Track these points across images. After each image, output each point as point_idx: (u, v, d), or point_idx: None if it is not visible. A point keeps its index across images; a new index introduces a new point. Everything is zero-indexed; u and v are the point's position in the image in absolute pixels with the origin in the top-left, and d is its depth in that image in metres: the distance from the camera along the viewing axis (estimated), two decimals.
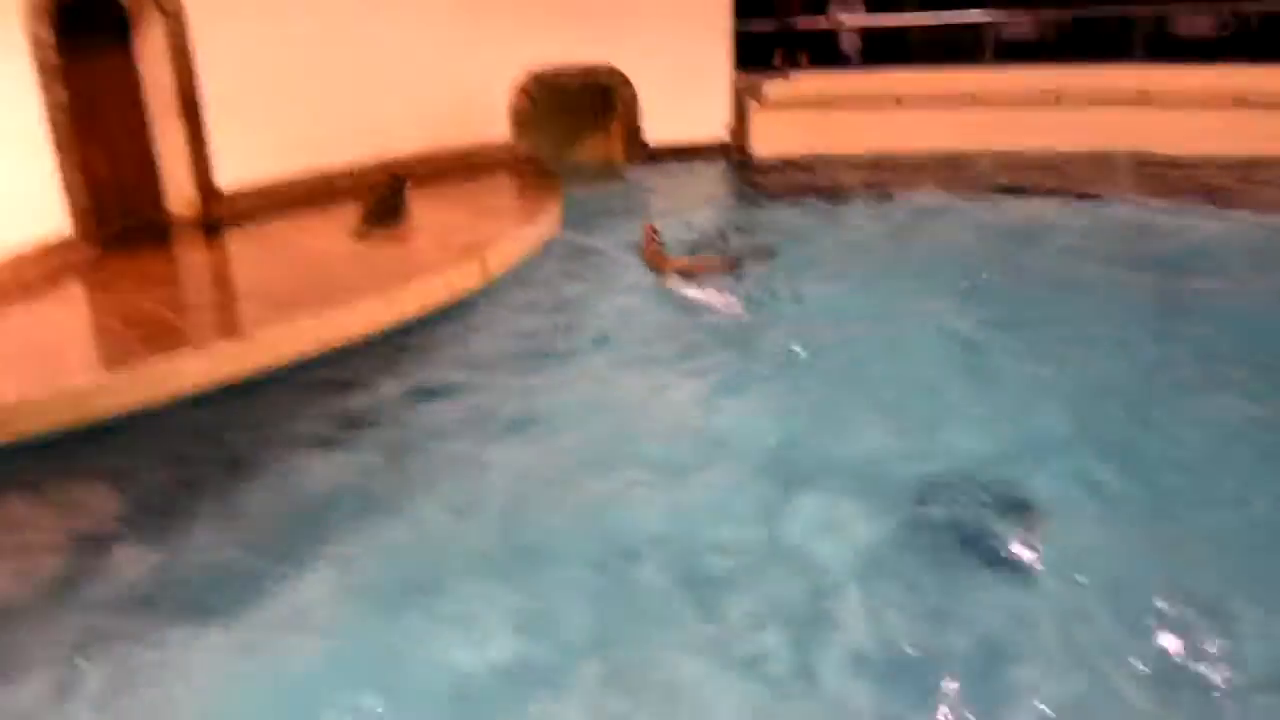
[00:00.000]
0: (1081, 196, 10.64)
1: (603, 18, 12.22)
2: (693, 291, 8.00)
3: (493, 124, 12.07)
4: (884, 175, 11.99)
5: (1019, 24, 14.45)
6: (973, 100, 12.66)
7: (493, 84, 11.97)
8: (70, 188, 8.17)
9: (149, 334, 6.49)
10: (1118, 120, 12.17)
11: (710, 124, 13.04)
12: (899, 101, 12.81)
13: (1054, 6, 14.50)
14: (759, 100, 13.07)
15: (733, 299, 7.89)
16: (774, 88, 13.15)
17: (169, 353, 6.13)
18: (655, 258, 8.72)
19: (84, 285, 7.74)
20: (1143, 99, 12.10)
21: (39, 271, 7.82)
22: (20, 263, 7.69)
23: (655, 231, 8.98)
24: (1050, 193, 10.88)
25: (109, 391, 5.83)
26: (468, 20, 11.48)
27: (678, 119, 12.81)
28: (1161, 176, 11.25)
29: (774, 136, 13.07)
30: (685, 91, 12.75)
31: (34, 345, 6.40)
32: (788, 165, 12.68)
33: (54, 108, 7.97)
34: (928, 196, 10.91)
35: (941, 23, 14.01)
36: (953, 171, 11.98)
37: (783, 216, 10.48)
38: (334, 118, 10.45)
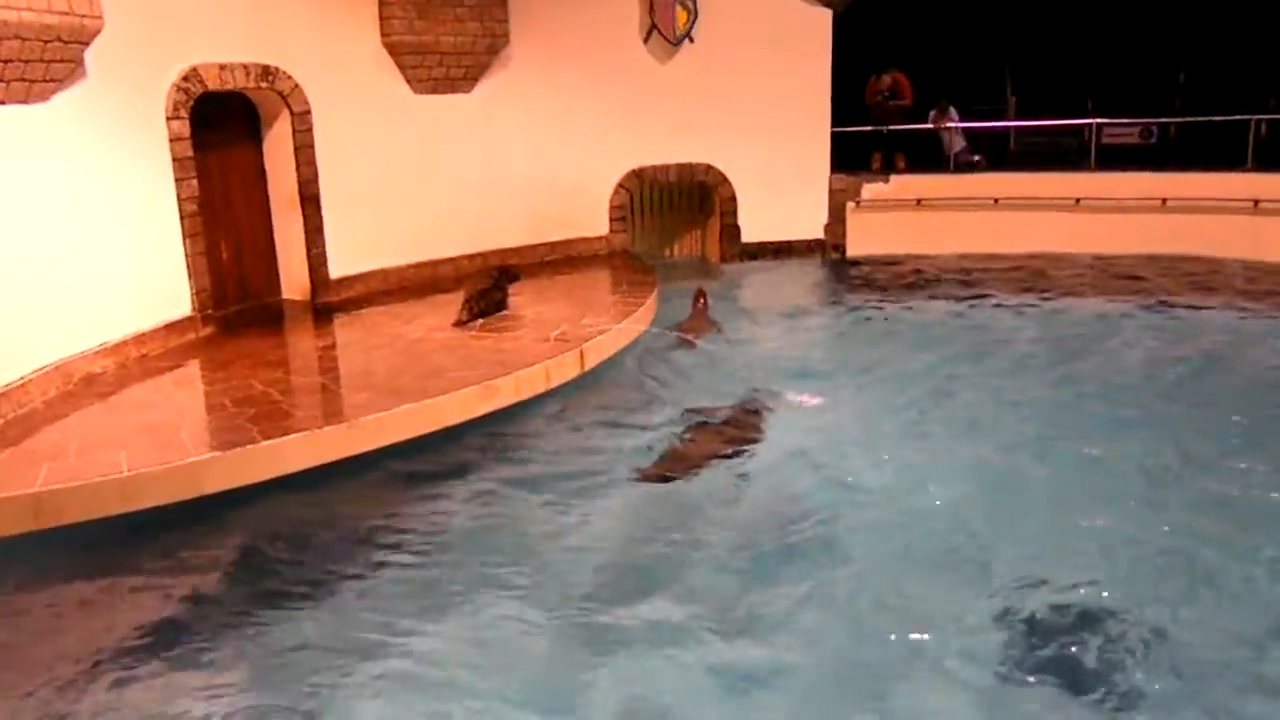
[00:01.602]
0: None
1: (705, 118, 12.54)
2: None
3: (594, 219, 12.40)
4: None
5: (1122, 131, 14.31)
6: (1073, 205, 12.53)
7: (595, 181, 12.33)
8: (195, 272, 8.65)
9: (258, 414, 6.74)
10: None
11: (807, 223, 13.15)
12: (996, 203, 12.76)
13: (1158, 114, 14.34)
14: (856, 201, 13.16)
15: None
16: (872, 189, 13.23)
17: (277, 436, 6.35)
18: (699, 321, 9.76)
19: (200, 364, 8.11)
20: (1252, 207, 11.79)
21: (161, 350, 8.25)
22: (145, 341, 8.13)
23: (705, 297, 10.18)
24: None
25: (219, 468, 6.04)
26: (575, 120, 11.91)
27: (775, 217, 12.97)
28: None
29: (871, 236, 13.11)
30: (783, 190, 12.93)
31: (152, 421, 6.69)
32: (882, 264, 12.72)
33: (187, 199, 8.50)
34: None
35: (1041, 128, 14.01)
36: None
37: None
38: (440, 213, 10.88)
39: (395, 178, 10.44)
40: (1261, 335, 9.34)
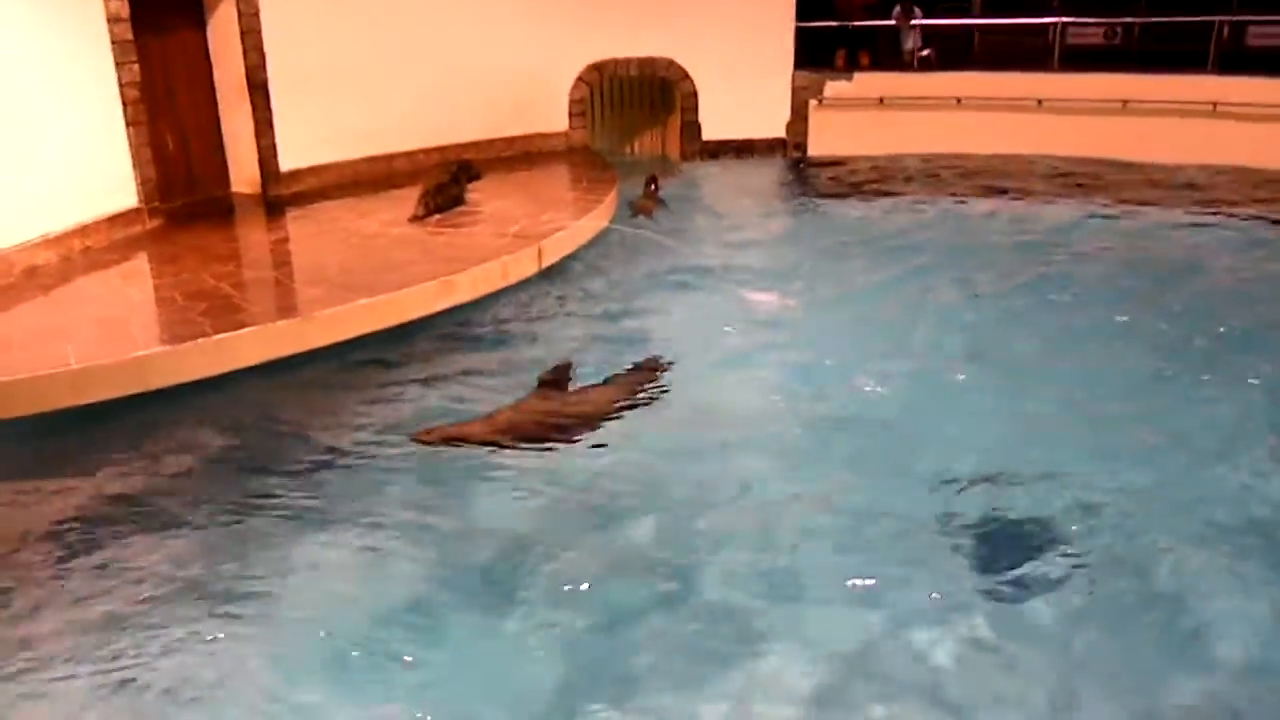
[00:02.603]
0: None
1: (668, 10, 12.23)
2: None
3: (552, 114, 12.13)
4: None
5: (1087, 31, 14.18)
6: (1035, 106, 12.47)
7: (554, 75, 12.03)
8: (139, 163, 8.37)
9: (210, 308, 6.62)
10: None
11: (769, 121, 12.98)
12: (959, 103, 12.66)
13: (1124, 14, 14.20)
14: (819, 99, 12.99)
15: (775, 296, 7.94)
16: (835, 87, 13.04)
17: (230, 330, 6.24)
18: (645, 204, 10.24)
19: (149, 258, 7.92)
20: (1214, 111, 11.81)
21: (107, 242, 8.03)
22: (89, 233, 7.90)
23: (657, 181, 10.80)
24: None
25: (169, 362, 5.95)
26: (532, 11, 11.54)
27: (736, 115, 12.77)
28: None
29: (832, 135, 12.98)
30: (745, 87, 12.70)
31: (99, 315, 6.55)
32: (843, 164, 12.64)
33: (128, 84, 8.16)
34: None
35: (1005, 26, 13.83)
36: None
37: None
38: (396, 104, 10.58)
39: (349, 67, 10.08)
40: (1213, 242, 9.46)
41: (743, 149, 12.96)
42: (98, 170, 8.02)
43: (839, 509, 4.93)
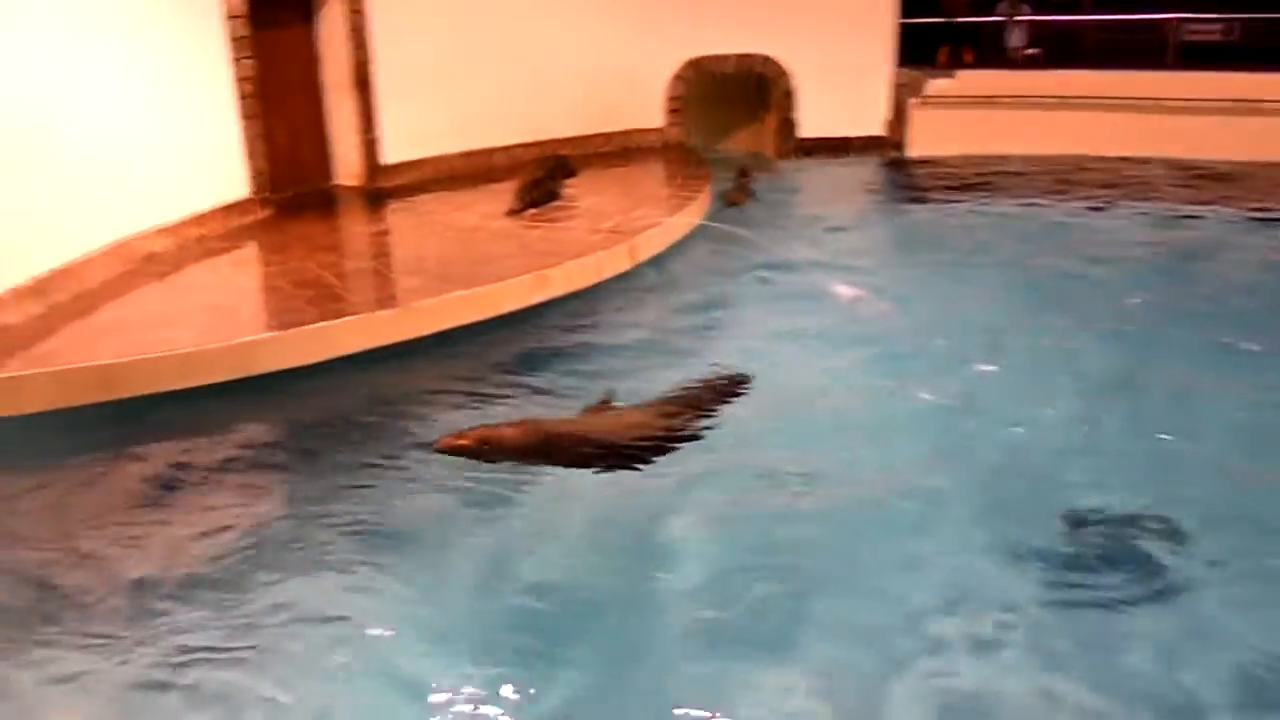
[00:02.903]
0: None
1: (766, 8, 12.13)
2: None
3: (649, 111, 12.16)
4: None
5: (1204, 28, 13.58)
6: (1151, 106, 12.00)
7: (651, 71, 12.05)
8: (252, 155, 8.69)
9: (314, 296, 6.83)
10: None
11: (867, 119, 12.78)
12: (1067, 102, 12.26)
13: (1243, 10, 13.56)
14: (919, 97, 12.74)
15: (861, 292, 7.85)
16: (937, 85, 12.77)
17: (332, 318, 6.43)
18: (736, 195, 10.44)
19: (258, 247, 8.21)
20: None
21: (220, 231, 8.35)
22: (203, 222, 8.23)
23: (749, 172, 11.00)
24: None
25: (274, 348, 6.16)
26: (631, 8, 11.58)
27: (833, 113, 12.61)
28: None
29: (932, 134, 12.72)
30: (844, 85, 12.52)
31: (210, 301, 6.82)
32: (944, 163, 12.36)
33: (243, 79, 8.47)
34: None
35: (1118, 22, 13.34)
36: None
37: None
38: (494, 100, 10.74)
39: (450, 63, 10.28)
40: None
41: (839, 147, 12.78)
42: (213, 162, 8.36)
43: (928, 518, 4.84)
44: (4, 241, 6.24)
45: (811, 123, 12.69)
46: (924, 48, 13.03)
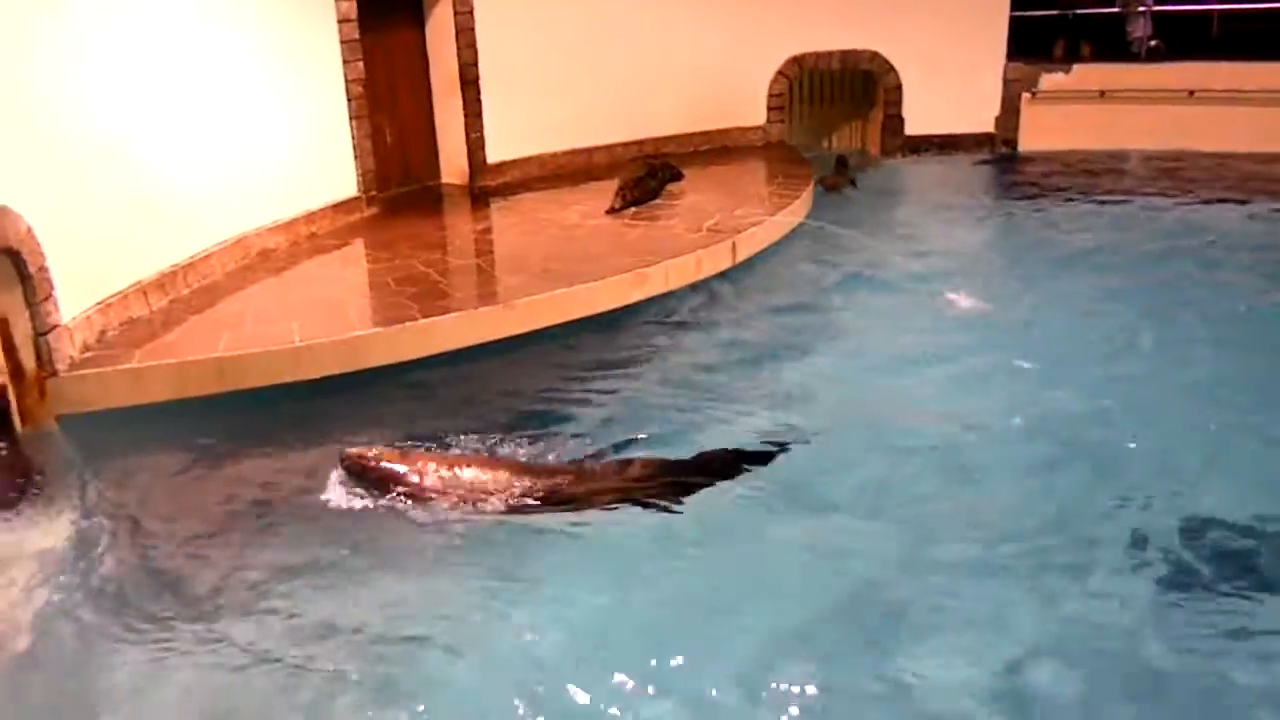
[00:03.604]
0: None
1: (872, 3, 11.90)
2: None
3: (750, 108, 12.06)
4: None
5: None
6: None
7: (753, 69, 11.94)
8: (361, 154, 8.92)
9: (419, 293, 6.97)
10: None
11: (977, 115, 12.42)
12: (1192, 96, 11.69)
13: None
14: (1032, 92, 12.32)
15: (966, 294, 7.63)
16: (1051, 79, 12.33)
17: (436, 315, 6.55)
18: (835, 180, 10.78)
19: (365, 244, 8.42)
20: None
21: (330, 228, 8.60)
22: (314, 219, 8.49)
23: (847, 164, 11.21)
24: None
25: (381, 343, 6.31)
26: (734, 5, 11.49)
27: (941, 109, 12.29)
28: None
29: (1046, 130, 12.29)
30: (953, 80, 12.19)
31: (321, 296, 7.02)
32: (1057, 160, 11.93)
33: (353, 80, 8.70)
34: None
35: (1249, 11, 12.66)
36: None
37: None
38: (596, 99, 10.79)
39: (554, 62, 10.38)
40: None
41: (947, 144, 12.47)
42: (325, 161, 8.61)
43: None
44: (133, 238, 6.53)
45: (918, 119, 12.40)
46: (1038, 40, 12.59)
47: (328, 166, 8.66)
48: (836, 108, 13.07)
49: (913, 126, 12.42)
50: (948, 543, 4.57)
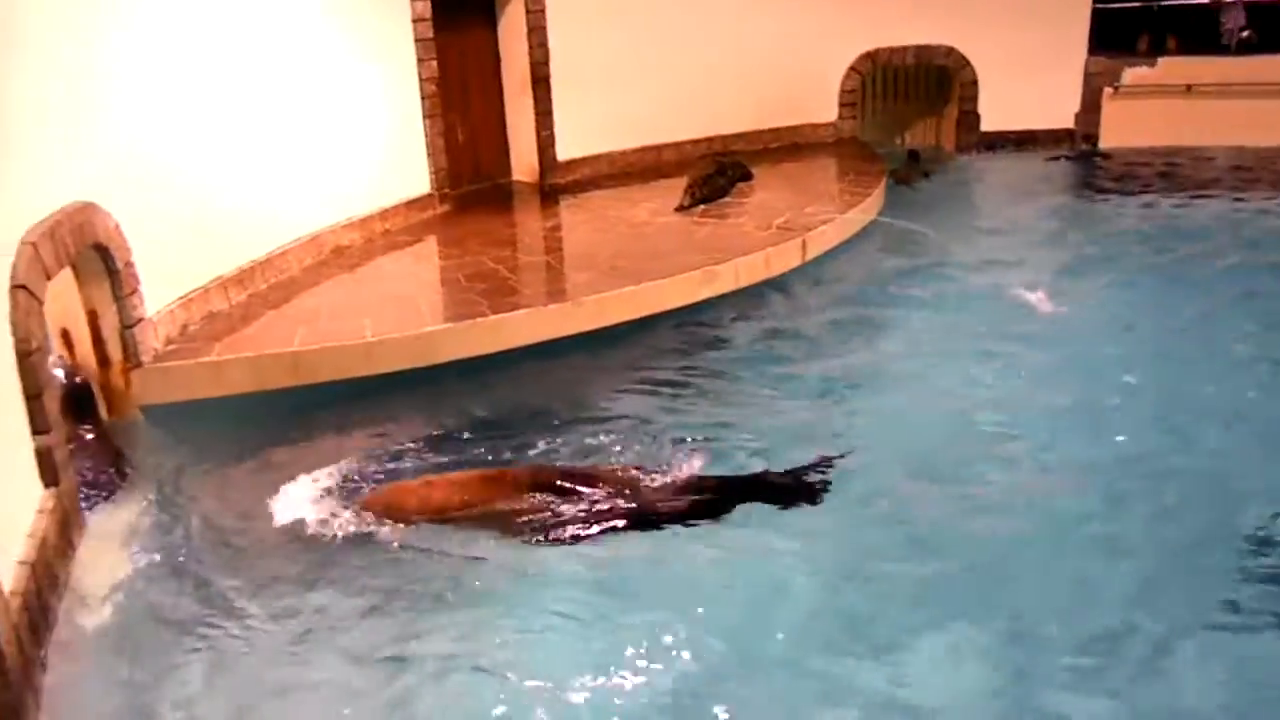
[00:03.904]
0: None
1: None
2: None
3: (822, 105, 11.93)
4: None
5: None
6: None
7: (825, 65, 11.81)
8: (434, 152, 9.04)
9: (488, 289, 7.03)
10: None
11: (1056, 110, 12.11)
12: None
13: None
14: (1115, 86, 11.97)
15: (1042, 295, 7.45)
16: (1135, 73, 11.96)
17: (505, 311, 6.61)
18: (906, 174, 10.87)
19: (437, 241, 8.52)
20: None
21: (402, 225, 8.73)
22: (387, 216, 8.62)
23: (919, 157, 11.49)
24: None
25: (452, 339, 6.38)
26: (808, 1, 11.37)
27: (1019, 104, 12.01)
28: None
29: (1128, 126, 11.93)
30: (1031, 75, 11.89)
31: (393, 292, 7.13)
32: (1139, 157, 11.57)
33: (427, 79, 8.82)
34: None
35: None
36: None
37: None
38: (666, 96, 10.77)
39: (624, 60, 10.38)
40: None
41: (1024, 140, 12.18)
42: (398, 159, 8.74)
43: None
44: (214, 235, 6.71)
45: (995, 115, 12.14)
46: (1121, 33, 12.23)
47: (401, 164, 8.79)
48: (910, 104, 12.87)
49: (989, 123, 12.17)
50: (1016, 554, 4.46)
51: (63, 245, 4.81)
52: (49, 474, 4.39)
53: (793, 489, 4.90)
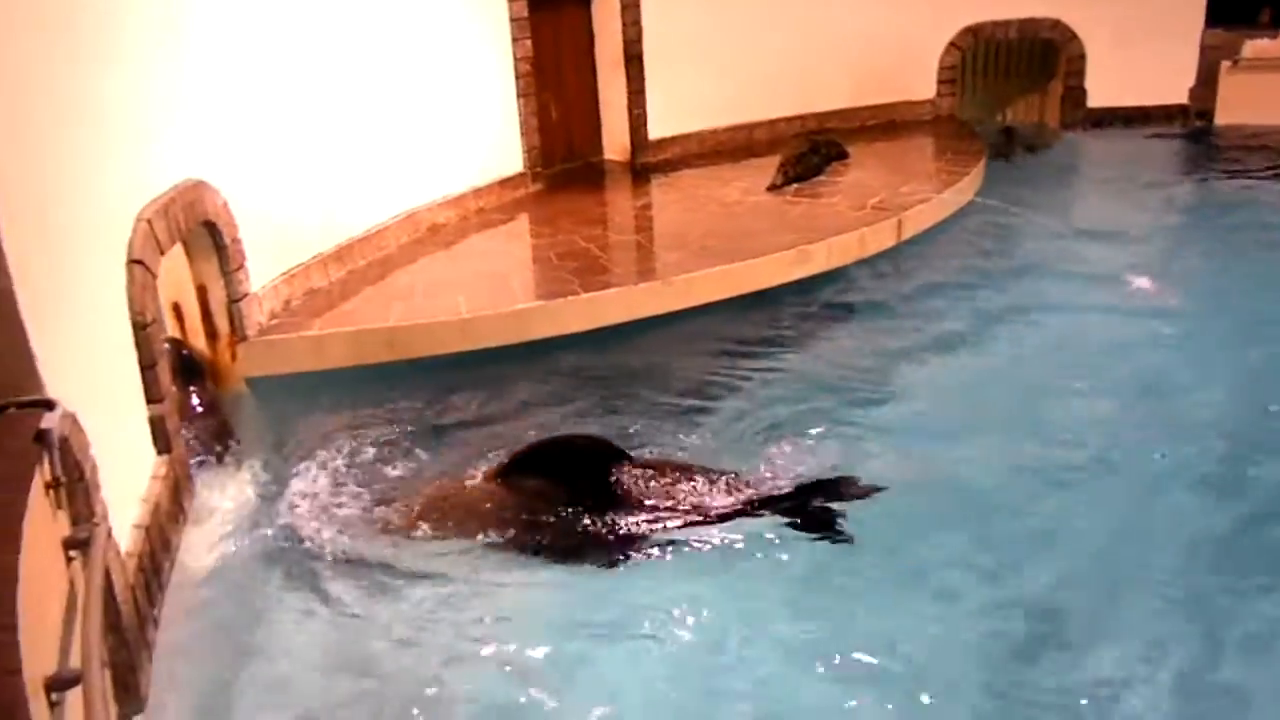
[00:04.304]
0: None
1: None
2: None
3: (919, 82, 11.64)
4: None
5: None
6: None
7: (924, 40, 11.50)
8: (527, 131, 9.11)
9: (580, 268, 7.08)
10: None
11: (1168, 86, 11.59)
12: None
13: None
14: (1233, 60, 11.39)
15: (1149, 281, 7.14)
16: (1256, 46, 11.37)
17: (596, 290, 6.64)
18: (1005, 148, 10.78)
19: (529, 219, 8.60)
20: None
21: (495, 204, 8.83)
22: (481, 195, 8.73)
23: (1014, 134, 11.39)
24: None
25: (543, 316, 6.44)
26: None
27: (1129, 79, 11.51)
28: None
29: (1248, 102, 11.35)
30: (1143, 49, 11.37)
31: (486, 269, 7.23)
32: (1259, 135, 11.00)
33: (521, 59, 8.88)
34: None
35: None
36: None
37: None
38: (758, 74, 10.63)
39: (717, 38, 10.28)
40: None
41: (1134, 117, 11.68)
42: (492, 138, 8.84)
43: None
44: (318, 213, 6.89)
45: (1102, 91, 11.68)
46: (1241, 5, 11.61)
47: (496, 143, 8.89)
48: (1012, 80, 12.46)
49: (1096, 98, 11.71)
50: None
51: (175, 222, 4.99)
52: (162, 441, 4.58)
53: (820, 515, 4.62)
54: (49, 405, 3.01)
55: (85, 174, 4.05)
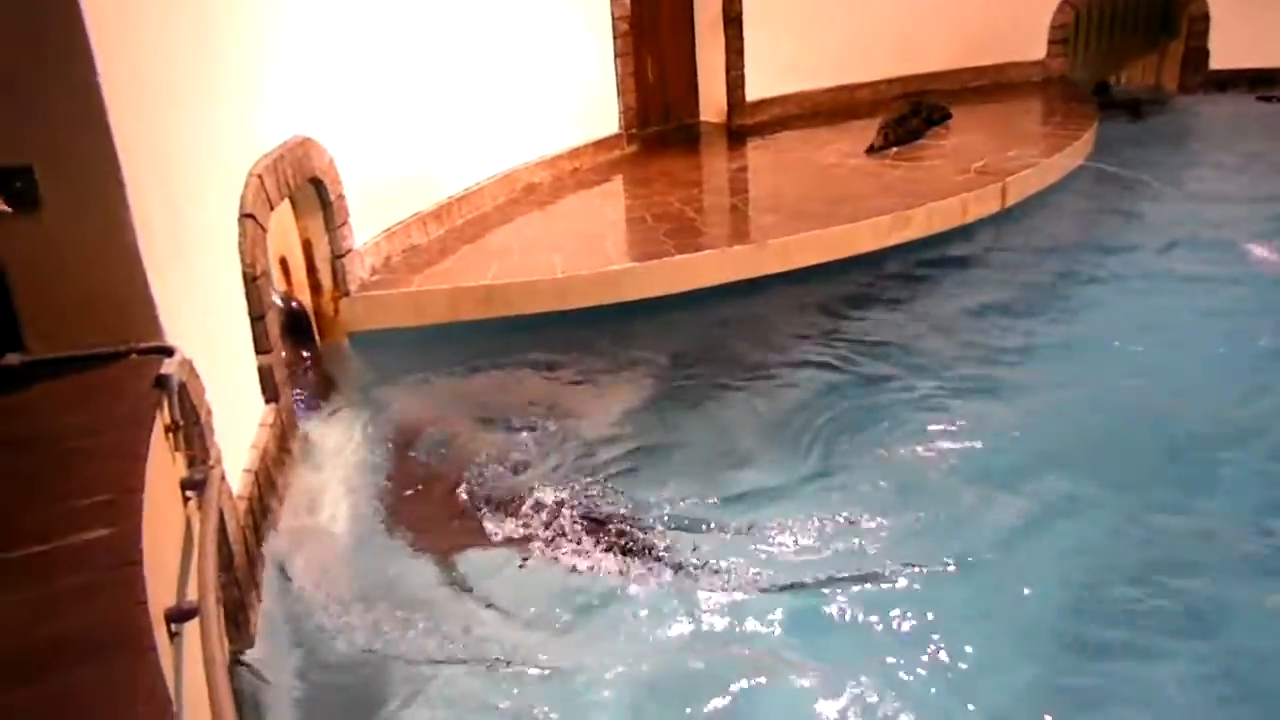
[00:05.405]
0: None
1: None
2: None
3: (1029, 42, 11.22)
4: None
5: None
6: None
7: None
8: (624, 91, 9.09)
9: (673, 229, 7.06)
10: None
11: None
12: None
13: None
14: None
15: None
16: None
17: (690, 252, 6.62)
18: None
19: (624, 180, 8.60)
20: None
21: (591, 164, 8.86)
22: (577, 155, 8.76)
23: (1108, 87, 11.40)
24: None
25: (637, 277, 6.46)
26: None
27: (1257, 39, 10.91)
28: None
29: None
30: (1272, 6, 10.76)
31: (581, 230, 7.26)
32: None
33: (620, 18, 8.85)
34: None
35: None
36: None
37: None
38: (860, 34, 10.40)
39: None
40: None
41: (1260, 79, 11.07)
42: (589, 98, 8.85)
43: None
44: (418, 172, 7.01)
45: (1226, 51, 11.10)
46: None
47: (592, 104, 8.89)
48: (1127, 40, 11.91)
49: (1219, 60, 11.13)
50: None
51: (284, 177, 5.13)
52: (270, 391, 4.75)
53: None
54: (169, 352, 3.14)
55: (202, 131, 4.19)
